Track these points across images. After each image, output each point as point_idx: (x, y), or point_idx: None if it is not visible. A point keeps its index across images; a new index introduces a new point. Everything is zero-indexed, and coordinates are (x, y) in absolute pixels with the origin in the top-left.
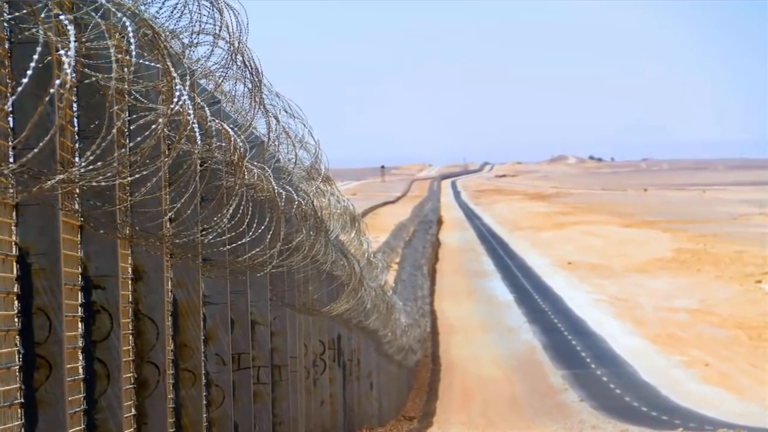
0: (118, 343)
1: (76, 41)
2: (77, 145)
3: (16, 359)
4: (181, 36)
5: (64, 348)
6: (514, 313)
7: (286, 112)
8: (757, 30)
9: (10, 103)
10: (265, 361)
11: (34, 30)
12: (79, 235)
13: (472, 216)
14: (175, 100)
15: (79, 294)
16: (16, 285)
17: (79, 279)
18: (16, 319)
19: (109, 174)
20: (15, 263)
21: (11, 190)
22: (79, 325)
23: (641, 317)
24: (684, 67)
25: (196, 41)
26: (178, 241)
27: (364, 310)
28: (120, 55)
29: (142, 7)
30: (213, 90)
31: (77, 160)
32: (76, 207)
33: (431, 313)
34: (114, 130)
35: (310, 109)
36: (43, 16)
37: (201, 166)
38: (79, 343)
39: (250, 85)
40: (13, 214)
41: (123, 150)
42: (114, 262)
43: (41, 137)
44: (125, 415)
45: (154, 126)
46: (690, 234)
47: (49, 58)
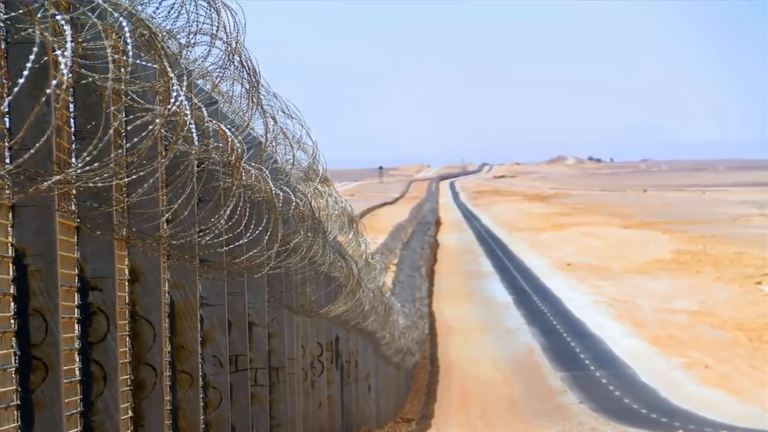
0: (114, 345)
1: (72, 41)
2: (74, 145)
3: (13, 361)
4: (178, 36)
5: (61, 350)
6: (512, 314)
7: (284, 112)
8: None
9: (6, 103)
10: (263, 362)
11: (31, 30)
12: (75, 237)
13: (470, 217)
14: (172, 100)
15: (76, 295)
16: (12, 286)
17: (76, 280)
18: (13, 321)
19: (105, 175)
20: (11, 264)
21: (7, 191)
22: (76, 326)
23: (641, 319)
24: (684, 67)
25: (193, 41)
26: (175, 242)
27: (362, 312)
28: (117, 56)
29: (139, 8)
30: (210, 90)
31: (74, 160)
32: (73, 208)
33: (429, 314)
34: (111, 131)
35: (307, 110)
36: (39, 16)
37: (198, 167)
38: (76, 344)
39: (248, 86)
40: (10, 215)
41: (120, 151)
42: (111, 264)
43: (38, 138)
44: (122, 417)
45: (151, 127)
46: (690, 235)
47: (46, 58)
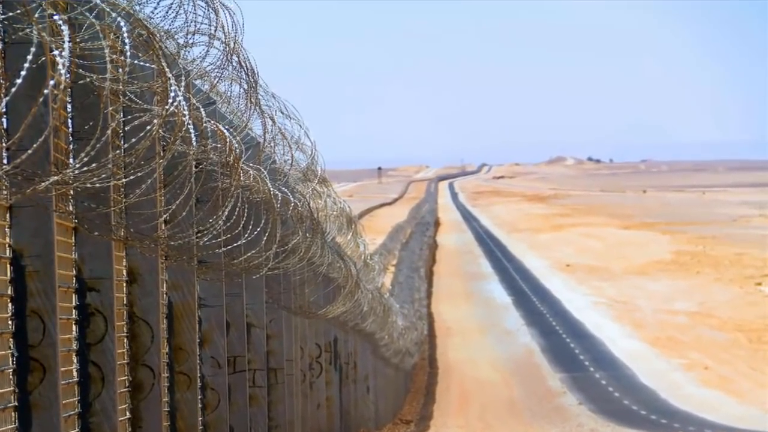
0: (112, 346)
1: (70, 41)
2: (71, 146)
3: (10, 362)
4: (176, 36)
5: (58, 351)
6: (512, 315)
7: (282, 113)
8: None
9: (3, 104)
10: (261, 364)
11: (28, 30)
12: (73, 237)
13: (469, 218)
14: (170, 101)
15: (74, 296)
16: (9, 287)
17: (74, 281)
18: (10, 322)
19: (103, 175)
20: (9, 265)
21: (5, 192)
22: (74, 327)
23: (640, 320)
24: (683, 67)
25: (191, 42)
26: (173, 243)
27: (361, 313)
28: (114, 56)
29: (137, 8)
30: (208, 91)
31: (71, 161)
32: (71, 209)
33: (428, 315)
34: (108, 131)
35: (306, 110)
36: (37, 16)
37: (196, 167)
38: (74, 346)
39: (246, 86)
40: (7, 215)
41: (117, 151)
42: (108, 265)
43: (35, 138)
44: (120, 418)
45: (148, 127)
46: (689, 236)
47: (43, 58)
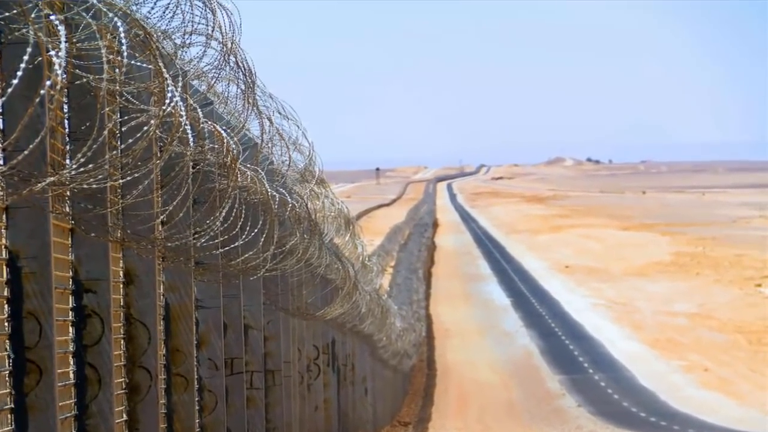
0: (109, 348)
1: (66, 42)
2: (68, 146)
3: (6, 364)
4: (173, 36)
5: (55, 353)
6: (510, 317)
7: (280, 113)
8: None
9: (0, 104)
10: (259, 365)
11: (24, 30)
12: (69, 238)
13: (468, 219)
14: (167, 101)
15: (70, 298)
16: (5, 289)
17: (70, 283)
18: (6, 324)
19: (100, 176)
20: (5, 266)
21: (1, 193)
22: (70, 329)
23: (640, 321)
24: (683, 67)
25: (188, 42)
26: (170, 244)
27: (359, 314)
28: (111, 56)
29: (134, 8)
30: (206, 91)
31: (68, 162)
32: (67, 210)
33: (427, 317)
34: (105, 132)
35: (304, 111)
36: (33, 16)
37: (193, 168)
38: (70, 347)
39: (244, 87)
40: (3, 216)
41: (114, 152)
42: (105, 266)
43: (31, 139)
44: (117, 420)
45: (145, 128)
46: (689, 237)
47: (40, 58)
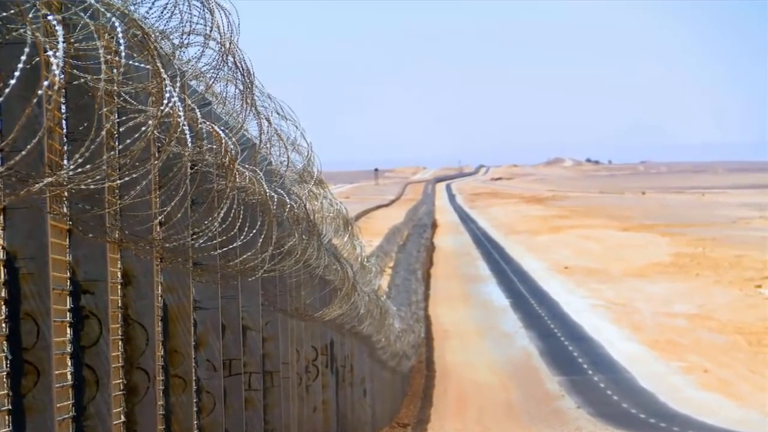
0: (107, 349)
1: (64, 42)
2: (66, 147)
3: (4, 365)
4: (171, 37)
5: (53, 354)
6: (509, 318)
7: (278, 113)
8: (757, 30)
9: None
10: (257, 367)
11: (22, 30)
12: (67, 239)
13: (467, 219)
14: (165, 101)
15: (68, 299)
16: (3, 290)
17: (68, 284)
18: (4, 325)
19: (98, 177)
20: (2, 267)
21: None
22: (68, 330)
23: (639, 322)
24: (683, 68)
25: (186, 42)
26: (168, 245)
27: (358, 315)
28: (109, 56)
29: (132, 8)
30: (204, 92)
31: (66, 162)
32: (65, 210)
33: (426, 318)
34: (103, 133)
35: (302, 111)
36: (31, 16)
37: (191, 168)
38: (68, 348)
39: (242, 87)
40: (1, 217)
41: (112, 152)
42: (103, 267)
43: (29, 139)
44: (114, 422)
45: (143, 128)
46: (689, 238)
47: (37, 59)
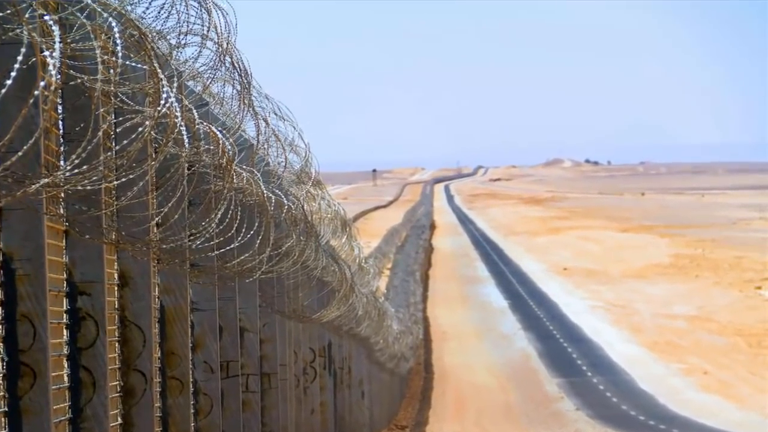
0: (104, 351)
1: (61, 42)
2: (62, 148)
3: (0, 367)
4: (168, 37)
5: (49, 355)
6: (508, 319)
7: (276, 114)
8: (757, 31)
9: None
10: (255, 368)
11: (18, 30)
12: (64, 240)
13: (465, 221)
14: (162, 102)
15: (65, 300)
16: None
17: (64, 285)
18: (0, 326)
19: (94, 178)
20: None
21: None
22: (64, 332)
23: (638, 324)
24: (683, 68)
25: (183, 42)
26: (165, 246)
27: (356, 317)
28: (106, 57)
29: (129, 8)
30: (201, 92)
31: (62, 163)
32: (61, 211)
33: (424, 319)
34: (100, 133)
35: (300, 112)
36: (27, 16)
37: (189, 169)
38: (65, 350)
39: (239, 87)
40: None
41: (109, 153)
42: (100, 268)
43: (25, 140)
44: (111, 424)
45: (140, 129)
46: (688, 239)
47: (34, 59)
